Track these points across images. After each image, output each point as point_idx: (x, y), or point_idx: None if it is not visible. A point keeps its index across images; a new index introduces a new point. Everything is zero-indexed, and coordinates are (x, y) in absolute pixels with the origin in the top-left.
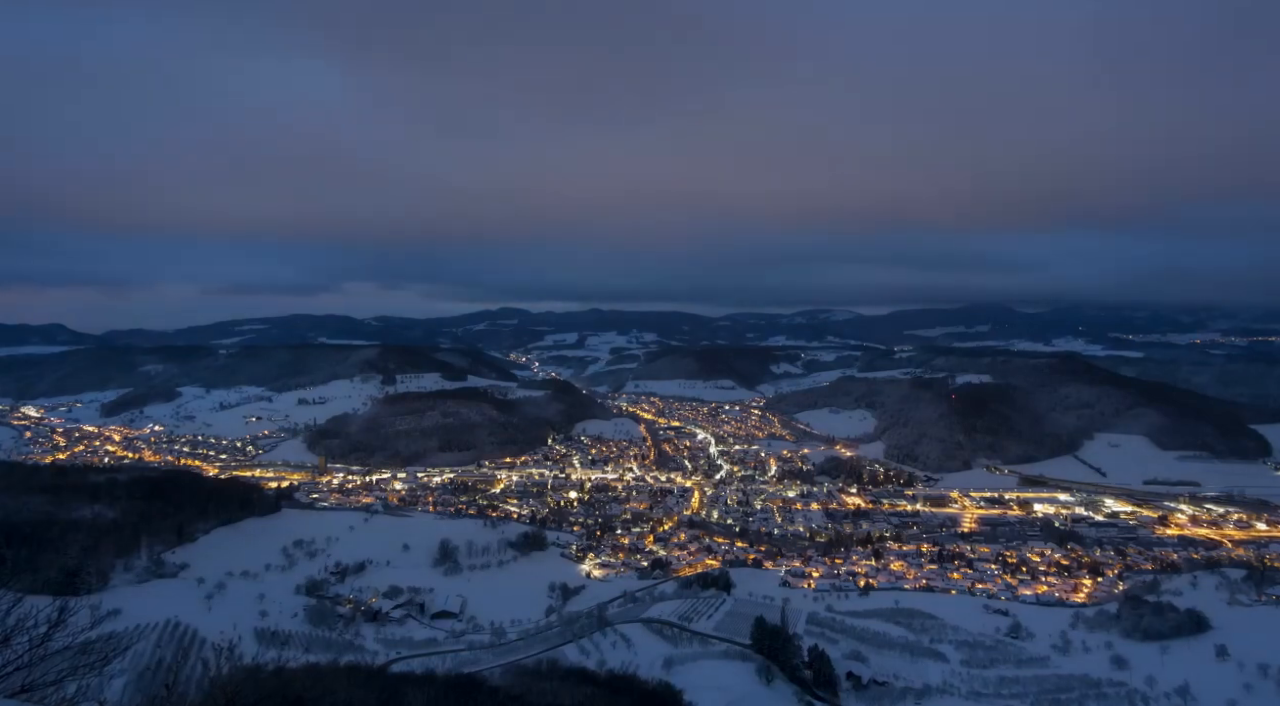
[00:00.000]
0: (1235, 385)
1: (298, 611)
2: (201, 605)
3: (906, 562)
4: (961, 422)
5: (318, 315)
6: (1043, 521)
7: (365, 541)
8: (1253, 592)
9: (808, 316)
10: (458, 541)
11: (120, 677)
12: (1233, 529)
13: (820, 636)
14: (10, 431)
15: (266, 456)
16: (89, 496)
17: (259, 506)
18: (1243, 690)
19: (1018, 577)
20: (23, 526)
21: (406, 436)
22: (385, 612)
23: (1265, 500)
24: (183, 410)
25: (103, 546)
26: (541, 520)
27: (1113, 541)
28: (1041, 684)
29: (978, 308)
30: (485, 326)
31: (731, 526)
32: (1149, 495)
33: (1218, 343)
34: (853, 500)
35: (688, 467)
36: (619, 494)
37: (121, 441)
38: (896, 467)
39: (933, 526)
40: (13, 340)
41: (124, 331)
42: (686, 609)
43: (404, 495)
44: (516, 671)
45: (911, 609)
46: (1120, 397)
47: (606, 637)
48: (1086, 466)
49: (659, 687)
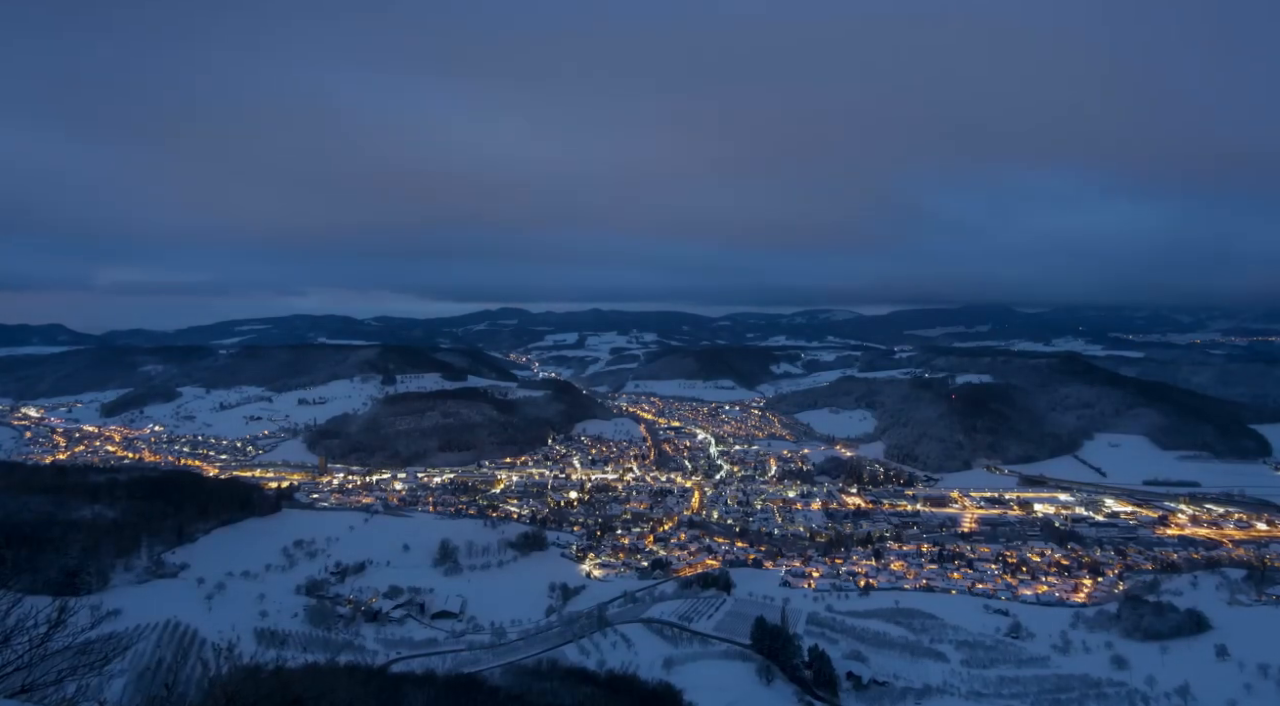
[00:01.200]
0: (1235, 385)
1: (298, 611)
2: (201, 605)
3: (906, 562)
4: (961, 422)
5: (317, 315)
6: (1043, 521)
7: (365, 541)
8: (1253, 592)
9: (808, 316)
10: (458, 541)
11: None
12: (1233, 529)
13: (820, 636)
14: (10, 431)
15: (266, 457)
16: (89, 496)
17: (259, 506)
18: (1243, 690)
19: (1018, 577)
20: (23, 526)
21: (406, 436)
22: (385, 612)
23: (1265, 500)
24: (183, 410)
25: (103, 546)
26: (542, 520)
27: (1113, 541)
28: (1042, 684)
29: (978, 308)
30: (485, 326)
31: (731, 526)
32: (1149, 495)
33: (1218, 342)
34: (853, 500)
35: (688, 468)
36: (619, 494)
37: (121, 442)
38: (896, 467)
39: (933, 526)
40: (13, 340)
41: (124, 332)
42: (687, 609)
43: (404, 495)
44: (517, 671)
45: (911, 609)
46: (1120, 398)
47: (606, 637)
48: (1086, 466)
49: (659, 687)
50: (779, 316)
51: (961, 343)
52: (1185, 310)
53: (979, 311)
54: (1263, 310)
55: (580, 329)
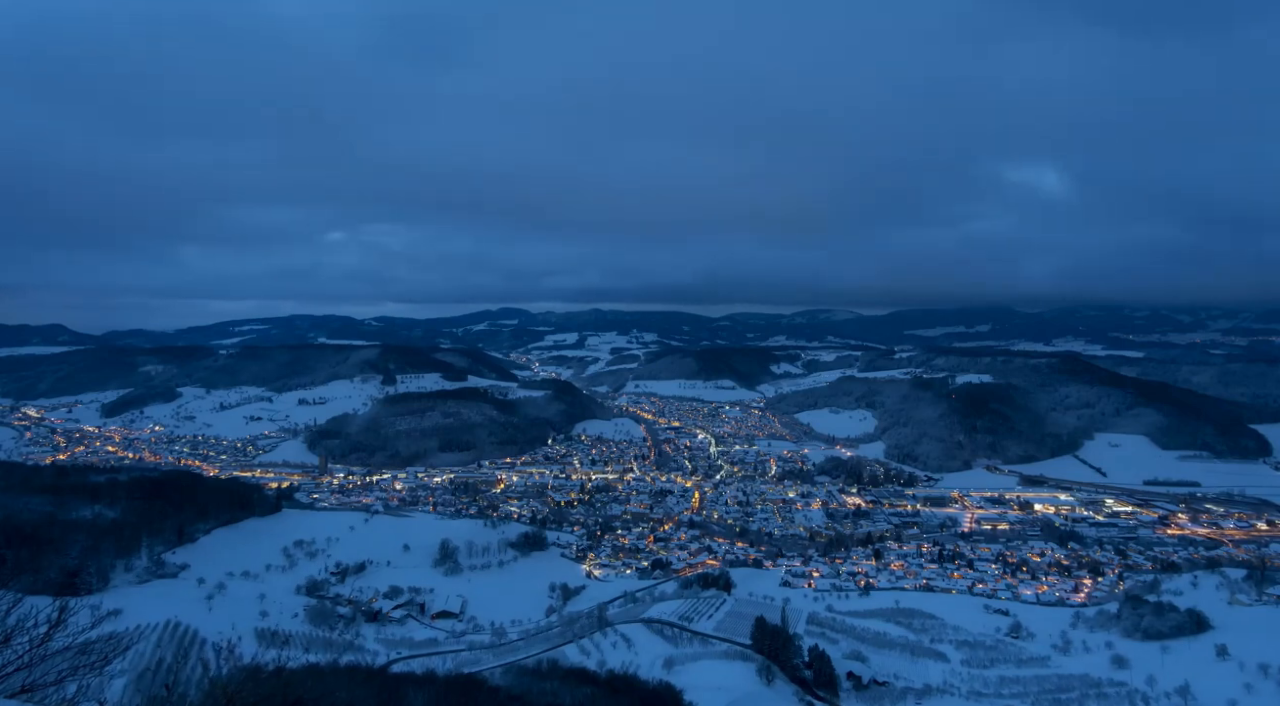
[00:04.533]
0: (1235, 385)
1: (298, 611)
2: (202, 605)
3: (907, 562)
4: (962, 422)
5: (318, 315)
6: (1043, 521)
7: (366, 541)
8: (1253, 592)
9: (808, 316)
10: (458, 541)
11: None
12: (1233, 529)
13: (820, 636)
14: (10, 431)
15: (267, 457)
16: (89, 497)
17: (259, 507)
18: (1243, 690)
19: (1018, 577)
20: (23, 527)
21: (407, 436)
22: (385, 613)
23: (1265, 500)
24: (183, 410)
25: (103, 547)
26: (542, 520)
27: (1113, 541)
28: (1042, 683)
29: (978, 308)
30: (485, 326)
31: (732, 526)
32: (1149, 495)
33: (1218, 342)
34: (853, 500)
35: (688, 468)
36: (619, 494)
37: (122, 442)
38: (897, 468)
39: (933, 526)
40: (13, 340)
41: (124, 332)
42: (687, 609)
43: (404, 495)
44: (517, 671)
45: (912, 609)
46: (1120, 397)
47: (607, 637)
48: (1087, 466)
49: (659, 687)
50: (779, 316)
51: (961, 342)
52: (1185, 310)
53: (979, 311)
54: (1263, 310)
55: (580, 329)
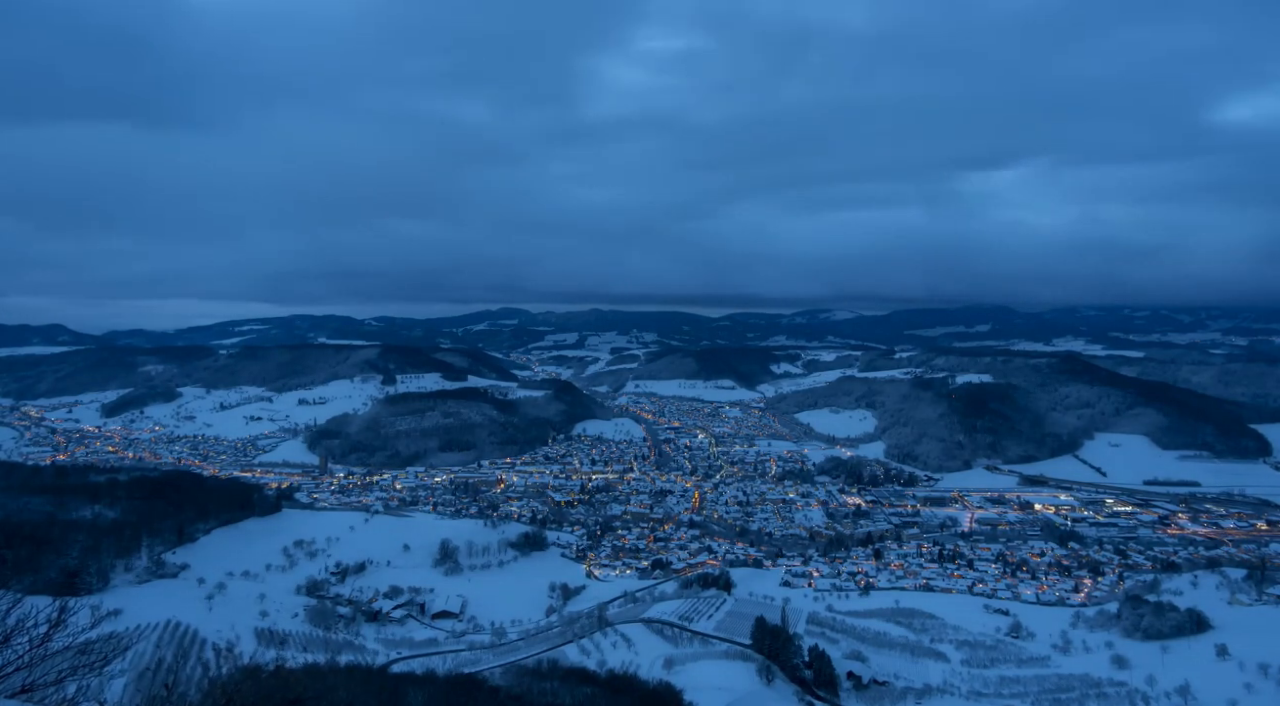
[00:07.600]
0: (1235, 385)
1: (298, 611)
2: (202, 605)
3: (907, 562)
4: (962, 422)
5: (317, 315)
6: (1043, 521)
7: (366, 541)
8: (1253, 592)
9: (808, 316)
10: (458, 541)
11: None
12: (1233, 528)
13: (821, 636)
14: (11, 431)
15: (267, 457)
16: (90, 497)
17: (259, 507)
18: (1243, 690)
19: (1018, 577)
20: (24, 526)
21: (407, 436)
22: (385, 612)
23: (1265, 500)
24: (183, 410)
25: (103, 546)
26: (542, 520)
27: (1113, 541)
28: (1042, 683)
29: (978, 308)
30: (485, 326)
31: (732, 526)
32: (1149, 495)
33: (1218, 342)
34: (853, 500)
35: (688, 468)
36: (619, 494)
37: (122, 442)
38: (897, 467)
39: (933, 526)
40: (13, 340)
41: (124, 332)
42: (687, 609)
43: (404, 495)
44: (517, 671)
45: (912, 609)
46: (1120, 397)
47: (607, 637)
48: (1087, 466)
49: (659, 687)
50: (779, 316)
51: (961, 342)
52: (1185, 310)
53: (979, 311)
54: (1263, 310)
55: (580, 329)
